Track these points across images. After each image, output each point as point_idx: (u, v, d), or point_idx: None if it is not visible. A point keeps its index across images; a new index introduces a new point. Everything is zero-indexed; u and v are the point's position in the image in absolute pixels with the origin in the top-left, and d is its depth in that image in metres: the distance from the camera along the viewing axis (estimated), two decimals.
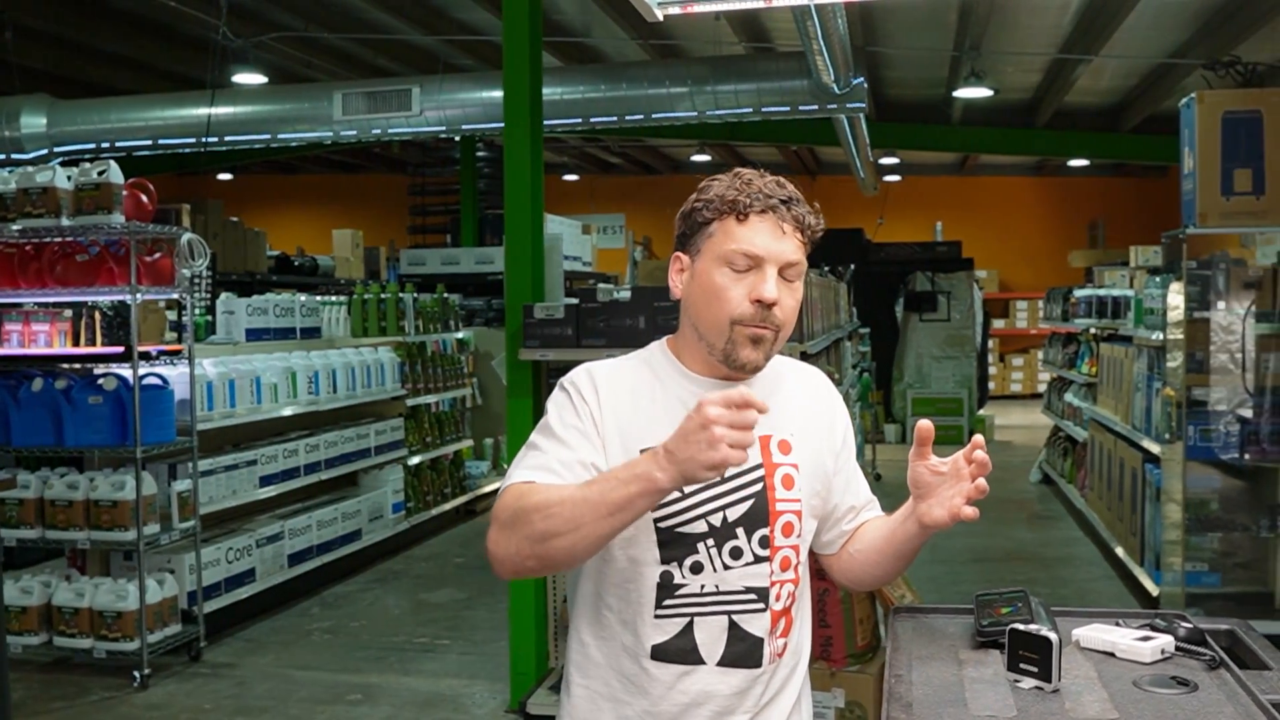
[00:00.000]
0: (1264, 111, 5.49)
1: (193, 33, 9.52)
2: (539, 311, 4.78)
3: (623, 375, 1.84)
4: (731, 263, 1.74)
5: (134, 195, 5.60)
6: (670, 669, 1.78)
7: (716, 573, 1.77)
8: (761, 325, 1.73)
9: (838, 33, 5.90)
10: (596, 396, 1.80)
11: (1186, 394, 5.67)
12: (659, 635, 1.78)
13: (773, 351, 1.80)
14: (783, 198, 1.76)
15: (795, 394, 1.90)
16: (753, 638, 1.79)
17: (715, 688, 1.78)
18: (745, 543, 1.78)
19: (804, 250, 1.78)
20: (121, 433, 5.47)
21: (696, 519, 1.77)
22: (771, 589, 1.79)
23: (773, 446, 1.82)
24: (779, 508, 1.80)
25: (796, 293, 1.78)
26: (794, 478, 1.81)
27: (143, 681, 5.34)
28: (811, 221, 1.78)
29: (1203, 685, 1.59)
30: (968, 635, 1.83)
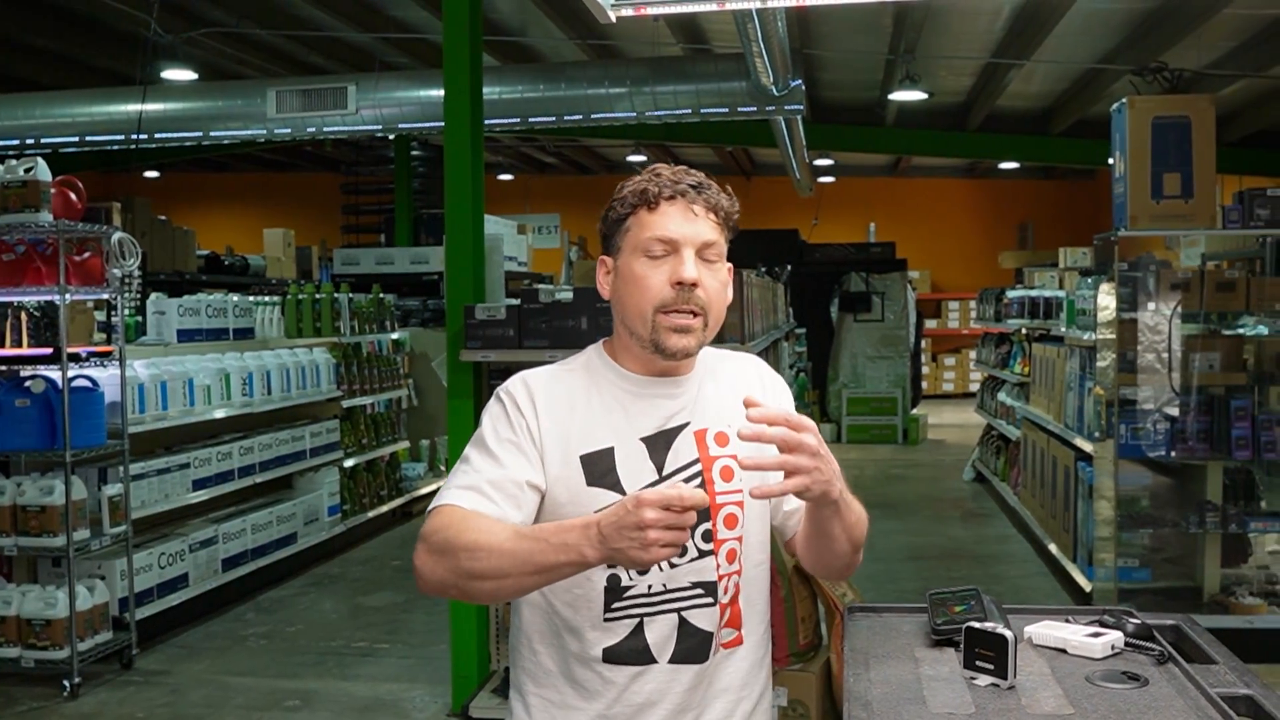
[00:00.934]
0: (1192, 117, 5.61)
1: (120, 27, 9.32)
2: (480, 312, 4.75)
3: (560, 381, 1.85)
4: (648, 251, 1.76)
5: (62, 193, 5.47)
6: (623, 671, 1.79)
7: (664, 571, 1.77)
8: (685, 308, 1.74)
9: (777, 35, 5.94)
10: (533, 406, 1.80)
11: (1117, 393, 5.78)
12: (609, 638, 1.79)
13: (705, 338, 1.79)
14: (692, 183, 1.78)
15: (729, 385, 1.89)
16: (702, 633, 1.80)
17: (668, 686, 1.79)
18: (690, 539, 1.76)
19: (721, 232, 1.79)
20: (50, 436, 5.34)
21: None
22: (719, 583, 1.80)
23: (709, 440, 1.82)
24: (719, 500, 1.80)
25: (719, 274, 1.79)
26: (733, 469, 1.81)
27: (73, 691, 5.22)
28: (725, 203, 1.80)
29: (1153, 680, 1.62)
30: (922, 633, 1.84)
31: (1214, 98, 5.91)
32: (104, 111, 8.43)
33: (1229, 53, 9.52)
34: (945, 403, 18.02)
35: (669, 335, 1.75)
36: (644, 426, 1.80)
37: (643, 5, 2.66)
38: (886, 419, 13.83)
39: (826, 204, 18.36)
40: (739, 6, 3.01)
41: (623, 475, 1.78)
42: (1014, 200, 19.10)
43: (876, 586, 7.03)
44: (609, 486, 1.77)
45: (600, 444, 1.78)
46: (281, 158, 18.27)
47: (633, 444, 1.80)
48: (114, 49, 9.98)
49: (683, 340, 1.76)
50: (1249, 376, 5.96)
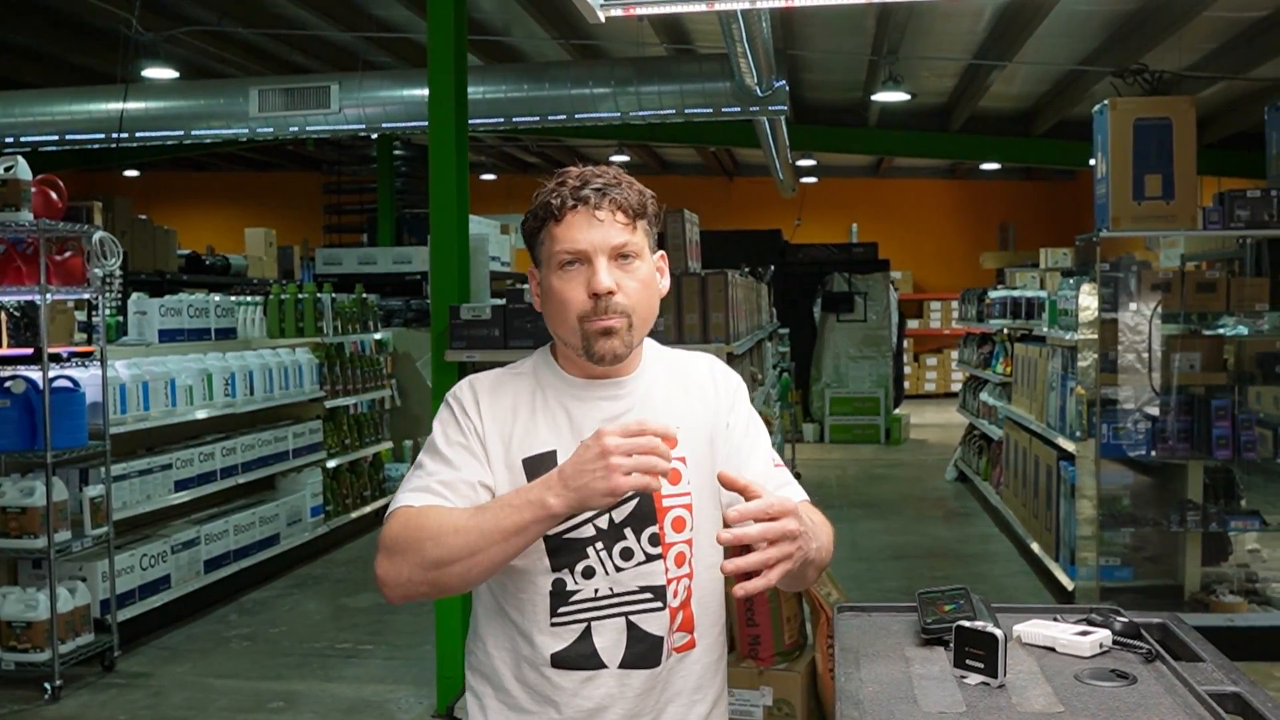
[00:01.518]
0: (1173, 119, 5.65)
1: (101, 25, 9.27)
2: (465, 312, 4.74)
3: (506, 385, 1.84)
4: (561, 264, 1.75)
5: (43, 192, 5.44)
6: (572, 676, 1.78)
7: (609, 575, 1.77)
8: (606, 316, 1.73)
9: (761, 36, 5.94)
10: (478, 409, 1.80)
11: (1099, 393, 5.81)
12: (557, 643, 1.77)
13: (634, 338, 1.77)
14: (595, 187, 1.75)
15: (676, 385, 1.87)
16: (652, 637, 1.79)
17: (619, 691, 1.78)
18: (635, 542, 1.77)
19: (633, 229, 1.76)
20: (31, 437, 5.31)
21: (583, 523, 1.76)
22: (668, 586, 1.79)
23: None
24: (666, 504, 1.78)
25: (639, 273, 1.76)
26: (681, 471, 1.79)
27: (54, 693, 5.18)
28: (633, 199, 1.77)
29: (1141, 677, 1.63)
30: (912, 633, 1.85)
31: (1194, 99, 5.95)
32: (84, 110, 8.38)
33: (1208, 55, 9.59)
34: (927, 403, 18.09)
35: (597, 340, 1.74)
36: (586, 429, 1.76)
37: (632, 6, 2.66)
38: (869, 419, 13.87)
39: (809, 204, 18.40)
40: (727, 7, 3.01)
41: None
42: (995, 201, 19.19)
43: (860, 586, 7.05)
44: None
45: (542, 447, 1.78)
46: (263, 157, 18.19)
47: (574, 446, 1.73)
48: (94, 47, 9.92)
49: (609, 343, 1.74)
50: (1229, 376, 6.00)
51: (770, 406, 8.83)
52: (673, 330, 4.77)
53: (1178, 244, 8.52)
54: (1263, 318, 5.99)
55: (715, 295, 4.68)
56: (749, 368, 6.45)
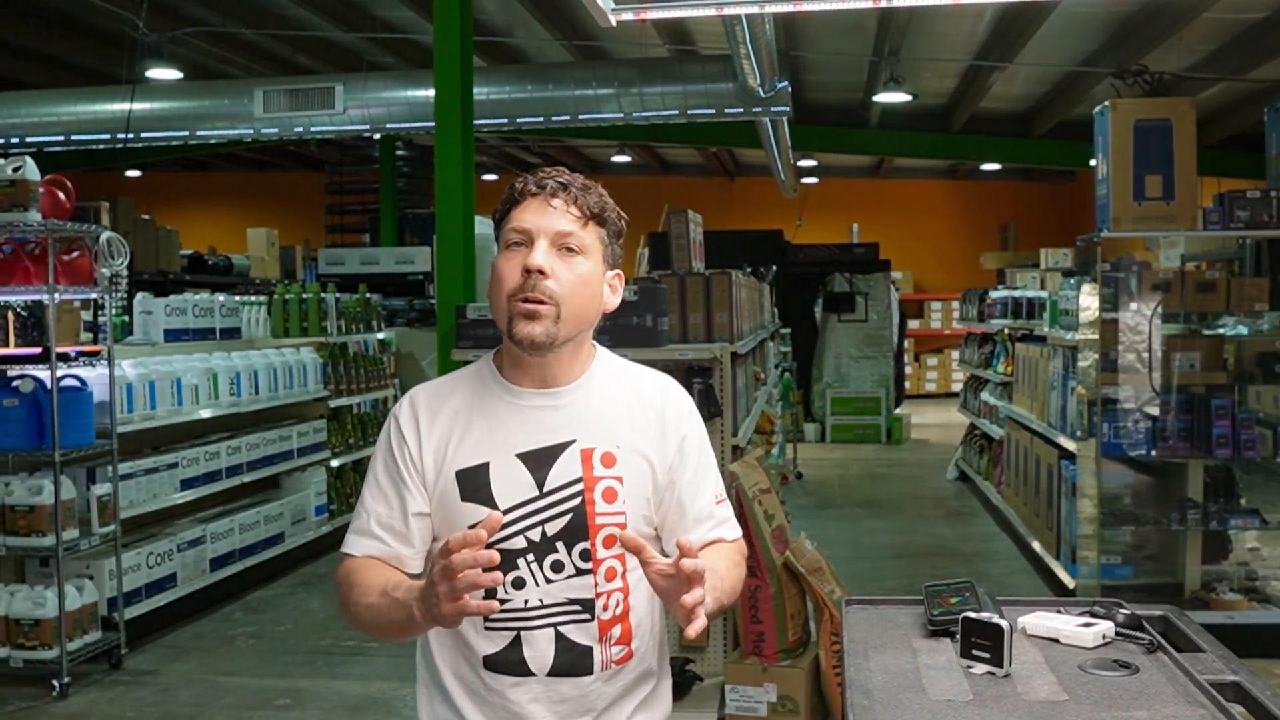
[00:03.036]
0: (1173, 120, 5.68)
1: (105, 26, 9.30)
2: (471, 312, 4.78)
3: (444, 395, 1.87)
4: (509, 245, 1.79)
5: (51, 192, 5.47)
6: (502, 679, 1.81)
7: (539, 586, 1.79)
8: (533, 296, 1.74)
9: (765, 37, 5.98)
10: (415, 425, 1.83)
11: (1100, 392, 5.85)
12: (490, 646, 1.81)
13: (559, 331, 1.76)
14: (559, 181, 1.79)
15: (620, 401, 1.87)
16: (580, 647, 1.81)
17: (546, 697, 1.81)
18: (566, 556, 1.79)
19: (583, 225, 1.78)
20: (39, 435, 5.34)
21: (515, 535, 1.78)
22: (597, 600, 1.81)
23: (595, 459, 1.81)
24: (599, 521, 1.80)
25: (579, 267, 1.78)
26: (617, 490, 1.81)
27: (62, 691, 5.21)
28: (591, 201, 1.80)
29: (1143, 667, 1.67)
30: (918, 625, 1.89)
31: (1194, 100, 5.98)
32: (90, 110, 8.41)
33: (1208, 56, 9.62)
34: (928, 403, 18.12)
35: (518, 322, 1.75)
36: (522, 442, 1.81)
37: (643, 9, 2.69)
38: (870, 418, 13.91)
39: (810, 205, 18.44)
40: (736, 11, 3.05)
41: (496, 491, 1.79)
42: (995, 201, 19.22)
43: (862, 584, 7.07)
44: (482, 502, 1.78)
45: (476, 459, 1.80)
46: (264, 157, 18.23)
47: (509, 459, 1.80)
48: (99, 48, 9.95)
49: (529, 326, 1.74)
50: (1229, 376, 6.04)
51: (772, 406, 8.87)
52: (677, 329, 4.81)
53: (1177, 244, 8.55)
54: (1262, 317, 6.03)
55: (719, 295, 4.71)
56: (752, 367, 6.49)
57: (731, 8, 2.97)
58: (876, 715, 1.51)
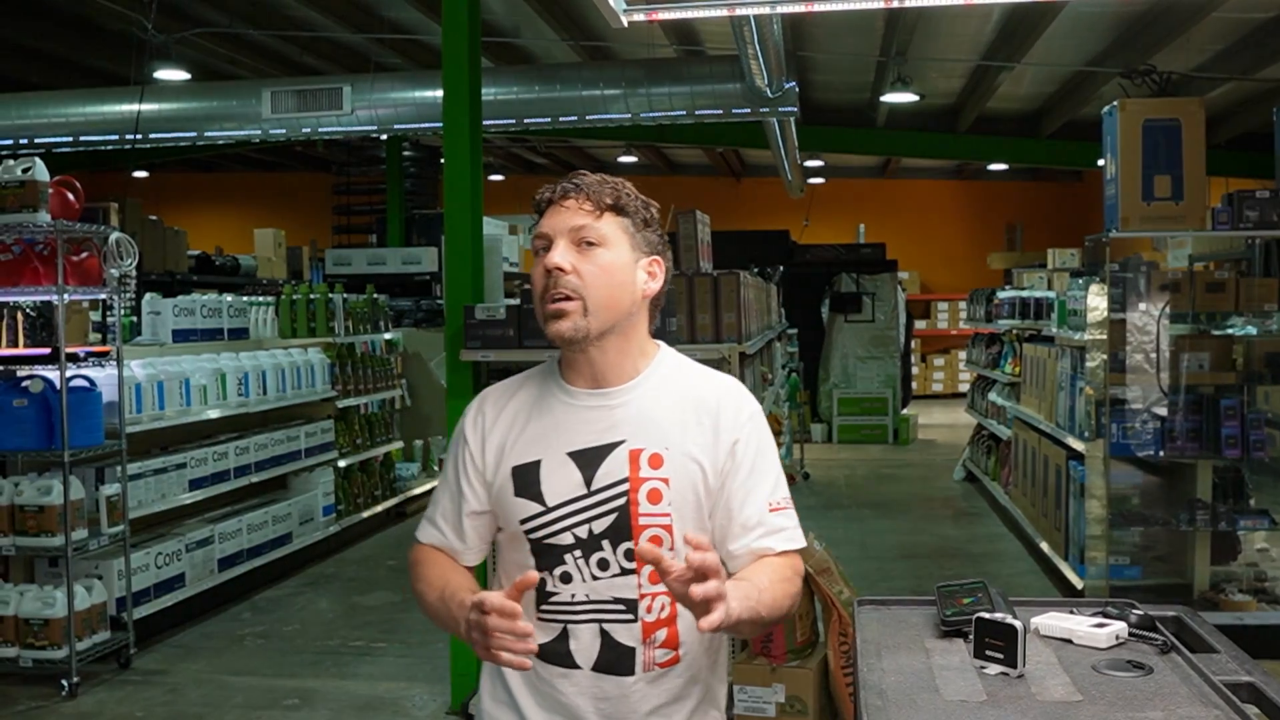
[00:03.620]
0: (1182, 120, 5.66)
1: (113, 27, 9.32)
2: (480, 312, 4.78)
3: (511, 395, 1.95)
4: (536, 251, 1.87)
5: (60, 193, 5.49)
6: (552, 669, 1.86)
7: (586, 583, 1.83)
8: (556, 293, 1.79)
9: (773, 38, 5.97)
10: (480, 426, 1.92)
11: (1108, 393, 5.84)
12: (543, 636, 1.83)
13: (589, 325, 1.80)
14: (571, 184, 1.86)
15: (675, 404, 1.88)
16: (623, 647, 1.84)
17: (590, 692, 1.85)
18: (611, 555, 1.83)
19: (597, 217, 1.83)
20: (48, 436, 5.35)
21: (563, 531, 1.84)
22: (641, 601, 1.83)
23: (643, 460, 1.83)
24: (643, 522, 1.82)
25: (599, 258, 1.82)
26: (662, 492, 1.82)
27: (71, 690, 5.23)
28: (604, 194, 1.85)
29: (1157, 668, 1.67)
30: (931, 625, 1.88)
31: (1203, 100, 5.97)
32: (98, 111, 8.43)
33: (1216, 55, 9.60)
34: (934, 403, 18.11)
35: (549, 322, 1.82)
36: (574, 441, 1.85)
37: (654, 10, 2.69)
38: (877, 419, 13.89)
39: (816, 205, 18.42)
40: (746, 12, 3.05)
41: (545, 488, 1.84)
42: (1002, 202, 19.20)
43: (870, 585, 7.06)
44: (532, 498, 1.85)
45: (530, 457, 1.86)
46: (272, 158, 18.25)
47: (560, 458, 1.85)
48: (108, 49, 9.97)
49: (557, 325, 1.80)
50: (1238, 376, 6.02)
51: (779, 406, 8.87)
52: (685, 330, 4.80)
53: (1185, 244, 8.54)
54: (1271, 318, 6.01)
55: (728, 295, 4.71)
56: (759, 367, 6.50)
57: (742, 8, 2.97)
58: (890, 716, 1.51)
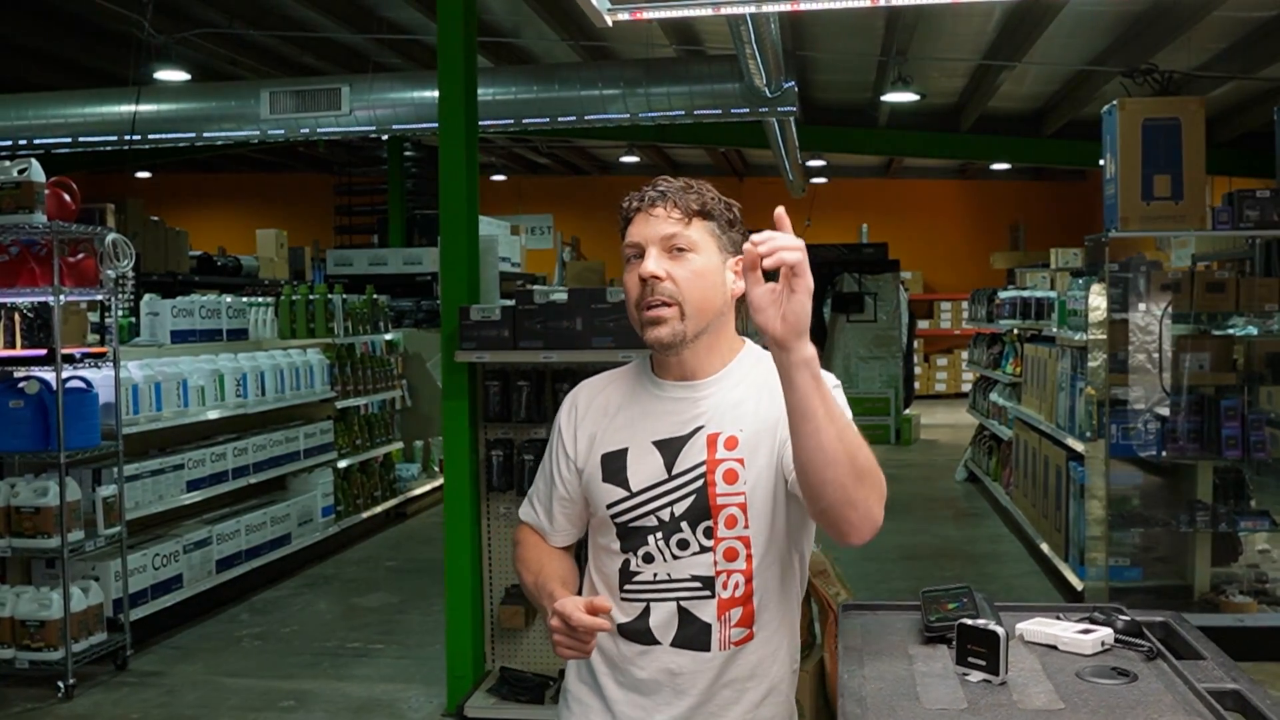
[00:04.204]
0: (1182, 119, 5.64)
1: (113, 28, 9.31)
2: (475, 313, 4.76)
3: (604, 388, 2.07)
4: (628, 260, 1.94)
5: (56, 194, 5.48)
6: (633, 647, 1.96)
7: (666, 562, 1.93)
8: (652, 301, 1.87)
9: (770, 37, 5.95)
10: (574, 416, 2.05)
11: (1108, 393, 5.81)
12: (624, 616, 1.96)
13: (686, 328, 1.88)
14: (656, 192, 1.93)
15: (753, 389, 1.95)
16: (700, 622, 1.92)
17: (669, 666, 1.93)
18: (691, 535, 1.91)
19: (686, 224, 1.90)
20: (44, 437, 5.34)
21: (647, 514, 1.94)
22: (717, 578, 1.91)
23: (719, 443, 1.92)
24: (720, 502, 1.90)
25: (692, 263, 1.89)
26: (738, 472, 1.90)
27: (68, 692, 5.22)
28: (690, 200, 1.91)
29: (1142, 675, 1.65)
30: (915, 631, 1.87)
31: (1204, 100, 5.94)
32: (97, 112, 8.41)
33: (1218, 54, 9.57)
34: (937, 403, 18.07)
35: (647, 329, 1.89)
36: (659, 430, 1.95)
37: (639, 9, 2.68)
38: (879, 419, 13.85)
39: (819, 205, 18.39)
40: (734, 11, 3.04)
41: (630, 474, 1.95)
42: (1005, 201, 19.15)
43: (870, 586, 7.05)
44: (618, 484, 1.96)
45: (619, 444, 1.98)
46: (274, 158, 18.25)
47: (645, 446, 1.95)
48: (107, 50, 9.96)
49: (656, 331, 1.88)
50: (1239, 376, 6.00)
51: None
52: None
53: (1188, 244, 8.52)
54: (1272, 318, 5.98)
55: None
56: None
57: (728, 7, 2.97)
58: None
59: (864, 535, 1.69)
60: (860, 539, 1.69)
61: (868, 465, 1.69)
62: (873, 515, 1.69)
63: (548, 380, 4.88)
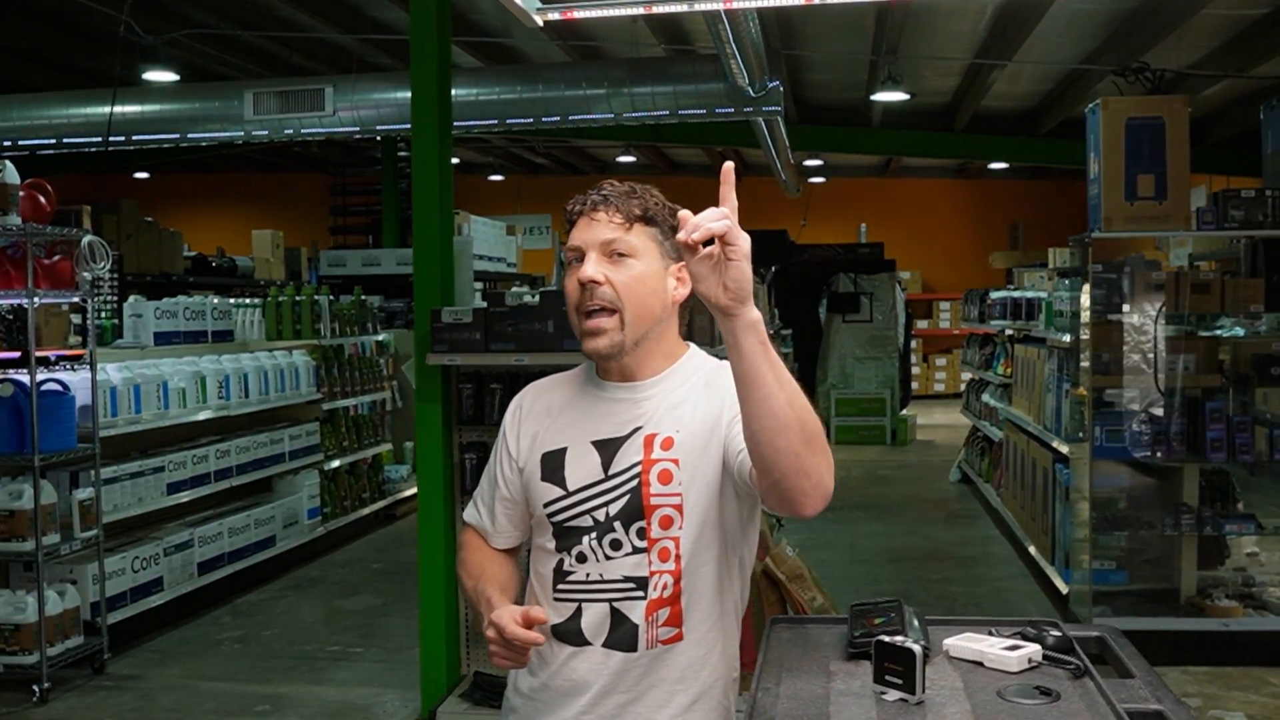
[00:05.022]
0: (1165, 118, 5.60)
1: (103, 28, 9.28)
2: (447, 315, 4.73)
3: (550, 389, 2.09)
4: (568, 263, 1.95)
5: (31, 196, 5.45)
6: (565, 649, 1.95)
7: (599, 563, 1.93)
8: (590, 306, 1.88)
9: (750, 36, 5.90)
10: (518, 417, 2.07)
11: (1091, 394, 5.76)
12: (556, 616, 1.95)
13: (625, 337, 1.89)
14: (598, 196, 1.93)
15: (694, 392, 1.95)
16: (630, 623, 1.92)
17: (599, 668, 1.93)
18: (624, 535, 1.91)
19: (627, 229, 1.90)
20: (19, 440, 5.32)
21: (582, 514, 1.94)
22: (650, 579, 1.91)
23: (656, 444, 1.92)
24: (654, 502, 1.90)
25: (631, 268, 1.89)
26: (673, 473, 1.90)
27: (43, 696, 5.20)
28: (632, 206, 1.91)
29: (1065, 694, 1.60)
30: (842, 646, 1.82)
31: (1188, 99, 5.89)
32: (80, 113, 8.38)
33: (1211, 53, 9.50)
34: (936, 403, 18.00)
35: (586, 339, 1.91)
36: (599, 430, 1.96)
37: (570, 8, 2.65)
38: (875, 420, 13.81)
39: (817, 205, 18.33)
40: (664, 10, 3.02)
41: (568, 474, 1.96)
42: (1005, 200, 19.07)
43: (856, 589, 7.00)
44: (556, 482, 1.97)
45: (559, 444, 1.99)
46: (272, 158, 18.23)
47: (584, 446, 1.96)
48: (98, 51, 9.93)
49: (594, 342, 1.89)
50: (1224, 378, 5.94)
51: None
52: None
53: (1186, 244, 8.46)
54: (1259, 319, 5.92)
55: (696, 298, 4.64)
56: None
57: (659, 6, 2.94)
58: None
59: (817, 505, 1.67)
60: (814, 509, 1.67)
61: (816, 431, 1.68)
62: (825, 483, 1.68)
63: (521, 383, 4.81)
